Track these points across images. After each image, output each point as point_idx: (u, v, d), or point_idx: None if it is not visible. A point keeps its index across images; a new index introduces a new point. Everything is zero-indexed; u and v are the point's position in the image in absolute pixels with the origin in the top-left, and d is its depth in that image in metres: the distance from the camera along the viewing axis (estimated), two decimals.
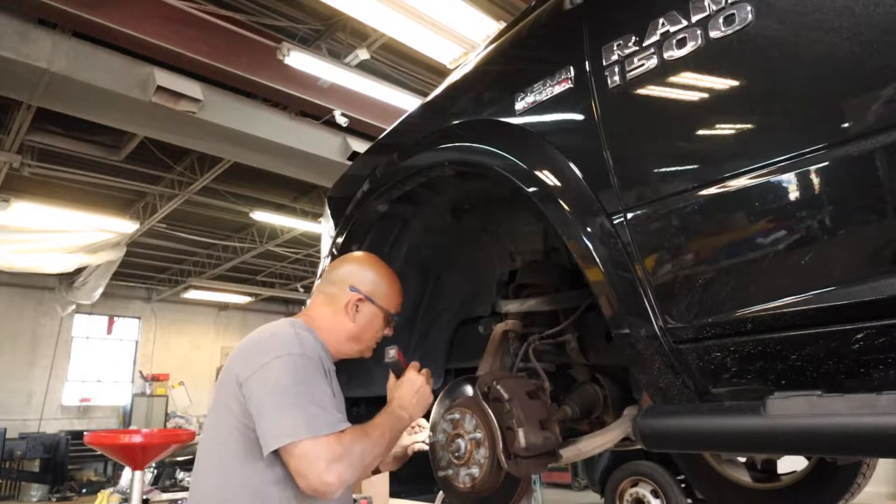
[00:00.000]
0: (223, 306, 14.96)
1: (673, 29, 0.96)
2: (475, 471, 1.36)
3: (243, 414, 1.17)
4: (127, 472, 5.09)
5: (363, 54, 5.09)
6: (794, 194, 0.83)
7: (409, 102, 5.23)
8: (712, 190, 0.92)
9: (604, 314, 1.10)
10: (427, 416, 1.57)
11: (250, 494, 1.16)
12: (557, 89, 1.16)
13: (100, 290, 10.07)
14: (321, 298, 1.42)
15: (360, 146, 6.09)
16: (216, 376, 14.78)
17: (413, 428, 1.65)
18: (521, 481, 1.41)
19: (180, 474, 5.73)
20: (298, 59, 4.88)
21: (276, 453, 1.14)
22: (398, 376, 1.40)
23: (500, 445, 1.29)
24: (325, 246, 1.96)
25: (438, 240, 1.87)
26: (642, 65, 1.00)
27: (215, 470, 1.21)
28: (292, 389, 1.14)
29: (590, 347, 1.55)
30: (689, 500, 4.44)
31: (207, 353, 14.80)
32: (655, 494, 4.60)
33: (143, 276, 13.01)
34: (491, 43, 1.51)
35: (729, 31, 0.89)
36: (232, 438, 1.18)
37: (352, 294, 1.38)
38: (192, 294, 13.08)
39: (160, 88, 4.81)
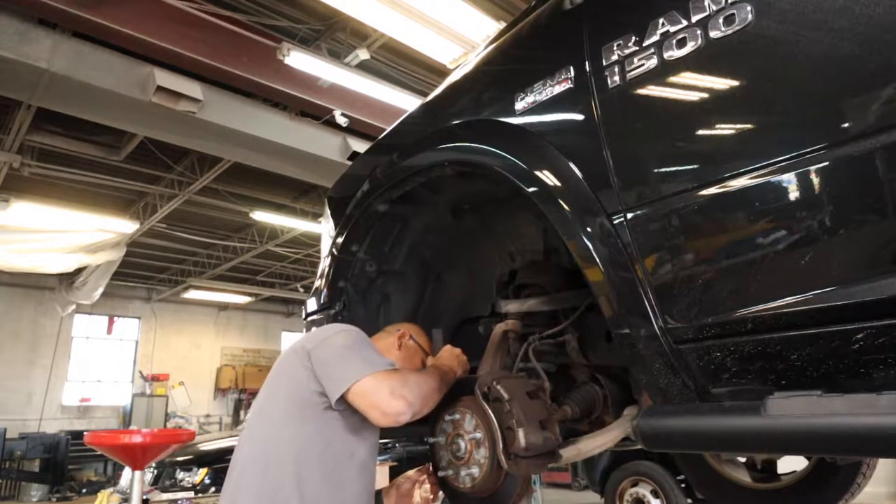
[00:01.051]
0: (223, 306, 14.95)
1: (673, 29, 0.95)
2: (475, 471, 1.36)
3: (304, 376, 1.30)
4: (127, 472, 5.09)
5: (363, 54, 5.09)
6: (794, 194, 0.83)
7: (409, 102, 5.23)
8: (712, 190, 0.92)
9: (604, 314, 1.09)
10: None
11: (293, 453, 1.26)
12: (557, 89, 1.16)
13: (100, 290, 10.07)
14: (380, 332, 1.67)
15: (360, 146, 6.08)
16: (216, 376, 14.89)
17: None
18: (521, 481, 1.41)
19: (180, 474, 5.72)
20: (298, 59, 4.88)
21: (327, 410, 1.28)
22: None
23: (500, 445, 1.28)
24: (325, 246, 1.96)
25: (438, 240, 1.88)
26: (642, 65, 1.00)
27: (261, 430, 1.33)
28: (353, 348, 1.32)
29: (590, 347, 1.55)
30: (689, 500, 4.44)
31: (207, 353, 14.80)
32: (655, 494, 4.60)
33: (143, 276, 13.01)
34: (491, 43, 1.51)
35: (729, 31, 0.89)
36: (284, 400, 1.31)
37: (399, 332, 1.63)
38: (192, 294, 13.08)
39: (160, 88, 4.81)
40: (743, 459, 2.08)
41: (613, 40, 1.05)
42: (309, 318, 1.93)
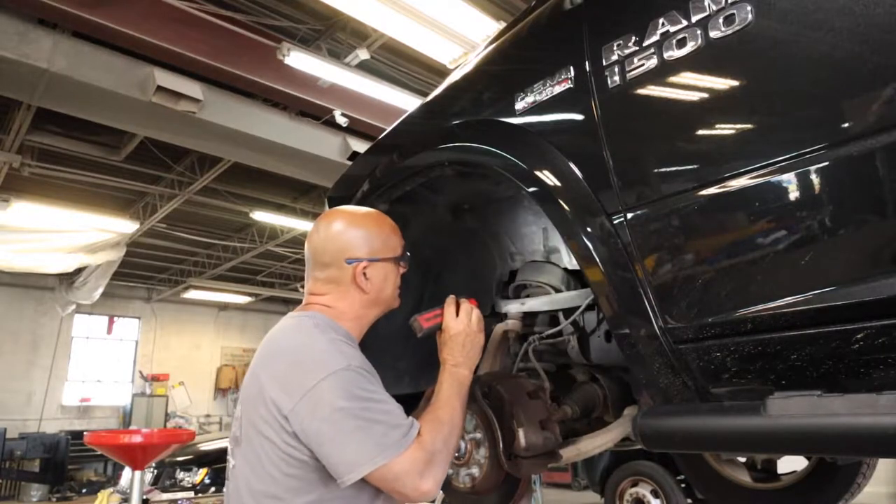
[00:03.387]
0: (223, 306, 14.95)
1: (673, 29, 0.96)
2: (475, 471, 1.36)
3: (286, 444, 1.06)
4: (127, 472, 5.09)
5: (363, 54, 5.08)
6: (794, 194, 0.83)
7: (409, 102, 5.22)
8: (712, 190, 0.92)
9: (604, 314, 1.10)
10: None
11: None
12: (557, 89, 1.16)
13: (100, 290, 10.06)
14: (321, 285, 1.25)
15: (360, 146, 6.08)
16: (216, 376, 14.85)
17: None
18: (521, 481, 1.41)
19: (180, 474, 5.73)
20: (298, 59, 4.88)
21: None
22: (440, 331, 1.31)
23: (501, 445, 1.28)
24: None
25: (438, 239, 1.87)
26: (642, 65, 1.00)
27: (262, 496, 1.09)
28: (351, 411, 1.03)
29: (590, 347, 1.55)
30: (689, 500, 4.44)
31: (207, 353, 14.80)
32: (655, 494, 4.60)
33: (143, 276, 13.01)
34: (491, 43, 1.51)
35: (729, 31, 0.89)
36: (275, 468, 1.07)
37: (353, 266, 1.22)
38: (192, 294, 13.07)
39: (160, 88, 4.81)
40: (743, 459, 2.08)
41: (613, 40, 1.05)
42: None
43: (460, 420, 1.17)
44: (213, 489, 5.48)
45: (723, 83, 0.93)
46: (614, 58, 1.04)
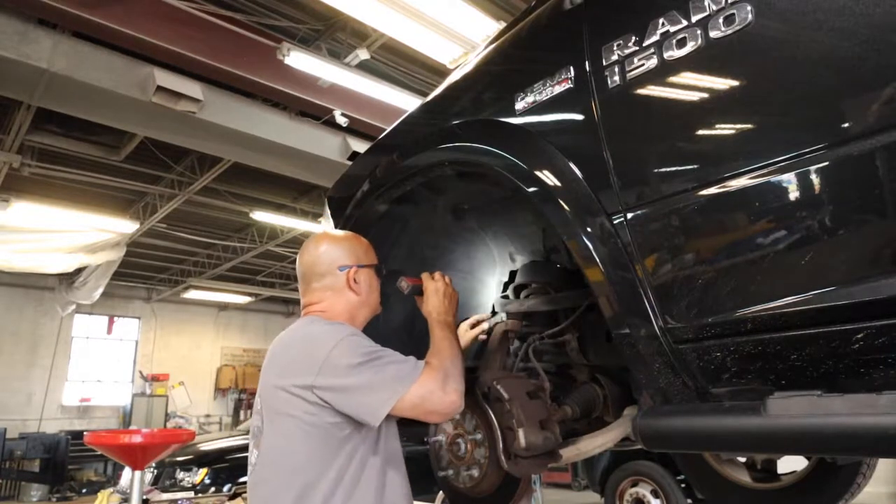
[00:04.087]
0: (223, 306, 14.95)
1: (673, 29, 0.95)
2: (475, 471, 1.36)
3: (308, 414, 1.19)
4: (127, 472, 5.09)
5: (363, 54, 5.08)
6: (794, 194, 0.83)
7: (409, 102, 5.22)
8: (712, 190, 0.92)
9: (604, 314, 1.10)
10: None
11: (332, 481, 1.18)
12: (557, 89, 1.16)
13: (100, 290, 10.06)
14: (318, 295, 1.43)
15: (360, 146, 6.08)
16: (216, 376, 14.84)
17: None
18: (521, 481, 1.41)
19: (180, 474, 5.73)
20: (298, 59, 4.88)
21: (353, 433, 1.21)
22: (421, 295, 1.49)
23: (500, 445, 1.29)
24: None
25: (438, 240, 1.87)
26: (642, 65, 1.00)
27: (289, 473, 1.20)
28: (365, 364, 1.19)
29: (590, 347, 1.55)
30: (689, 500, 4.44)
31: (207, 353, 14.80)
32: (655, 494, 4.60)
33: (143, 276, 13.00)
34: (491, 43, 1.51)
35: (729, 31, 0.89)
36: (299, 443, 1.20)
37: (345, 272, 1.43)
38: (192, 294, 13.07)
39: (160, 88, 4.81)
40: (743, 459, 2.08)
41: (613, 40, 1.05)
42: None
43: (459, 349, 1.35)
44: (213, 489, 5.48)
45: (723, 83, 0.93)
46: (614, 58, 1.04)
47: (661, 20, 0.97)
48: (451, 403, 1.21)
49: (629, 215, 1.02)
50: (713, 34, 0.90)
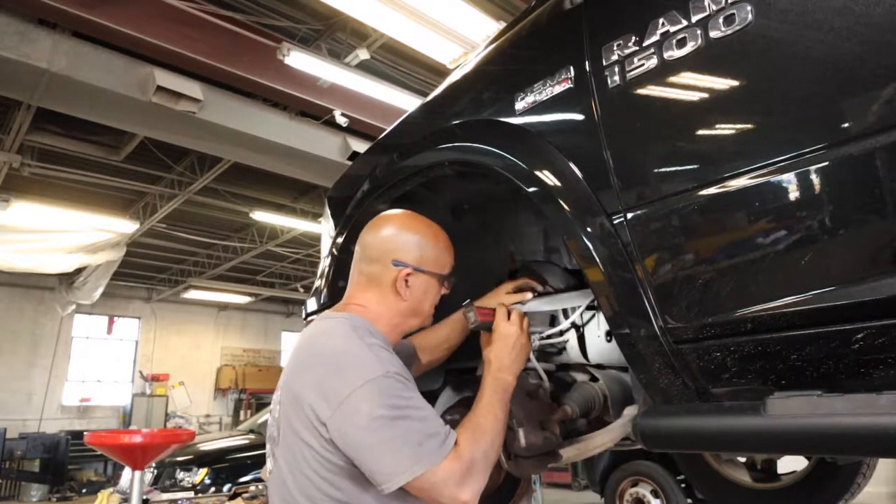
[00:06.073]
0: (223, 306, 14.96)
1: (673, 29, 0.95)
2: None
3: (323, 448, 1.06)
4: (127, 472, 5.09)
5: (363, 54, 5.09)
6: (794, 194, 0.83)
7: (409, 102, 5.23)
8: (712, 190, 0.92)
9: (604, 314, 1.09)
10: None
11: None
12: (557, 89, 1.16)
13: (100, 290, 10.07)
14: (363, 281, 1.25)
15: (360, 146, 6.09)
16: (216, 376, 14.85)
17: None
18: (521, 481, 1.41)
19: (180, 474, 5.73)
20: (298, 59, 4.88)
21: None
22: (489, 331, 1.30)
23: None
24: (325, 246, 1.96)
25: None
26: (642, 65, 1.00)
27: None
28: (388, 420, 1.02)
29: (590, 347, 1.55)
30: (689, 500, 4.44)
31: (207, 353, 14.81)
32: (655, 494, 4.60)
33: (143, 276, 13.01)
34: (491, 43, 1.51)
35: (729, 31, 0.89)
36: (312, 471, 1.07)
37: (398, 270, 1.22)
38: (192, 294, 13.08)
39: (160, 88, 4.82)
40: (743, 459, 2.08)
41: (613, 40, 1.05)
42: (309, 319, 1.93)
43: (502, 428, 1.15)
44: (213, 489, 5.48)
45: (723, 83, 0.93)
46: (614, 58, 1.04)
47: (661, 20, 0.97)
48: (460, 502, 1.03)
49: (629, 215, 1.02)
50: (713, 34, 0.90)
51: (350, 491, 1.06)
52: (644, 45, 0.99)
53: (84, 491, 10.05)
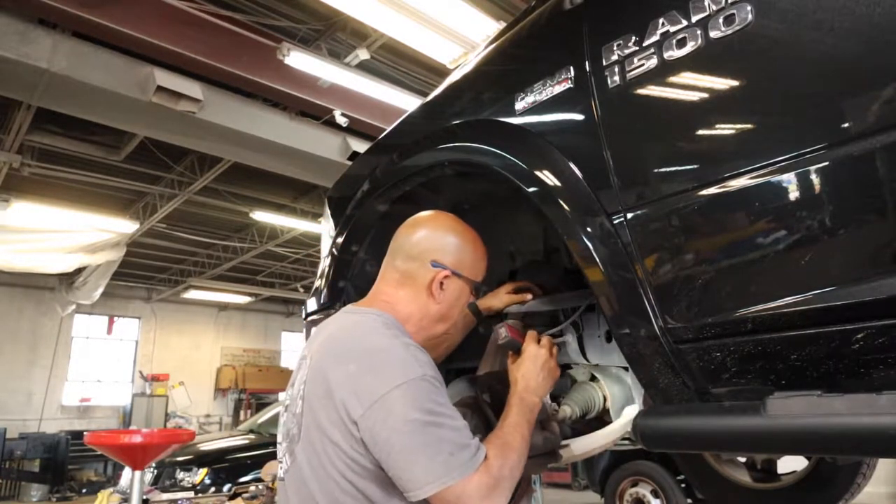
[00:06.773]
0: (223, 306, 14.96)
1: (673, 29, 0.95)
2: None
3: (352, 449, 1.03)
4: (127, 472, 5.09)
5: (363, 54, 5.09)
6: (794, 194, 0.83)
7: (409, 102, 5.23)
8: (712, 190, 0.92)
9: (604, 314, 1.09)
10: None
11: None
12: (557, 89, 1.16)
13: (100, 290, 10.07)
14: (397, 277, 1.23)
15: (360, 146, 6.09)
16: (216, 376, 14.84)
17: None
18: (520, 481, 1.41)
19: (180, 474, 5.73)
20: (298, 59, 4.88)
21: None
22: (517, 353, 1.28)
23: None
24: (325, 246, 1.96)
25: None
26: (642, 65, 1.00)
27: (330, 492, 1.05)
28: (422, 424, 0.99)
29: (590, 347, 1.55)
30: (689, 500, 4.44)
31: (207, 353, 14.81)
32: (655, 494, 4.60)
33: (143, 276, 13.01)
34: (491, 43, 1.51)
35: (729, 31, 0.89)
36: (337, 472, 1.04)
37: (435, 271, 1.20)
38: (192, 294, 13.08)
39: (160, 88, 4.81)
40: (743, 459, 2.08)
41: (613, 40, 1.05)
42: (309, 319, 1.93)
43: (527, 448, 1.14)
44: (213, 489, 5.48)
45: (723, 83, 0.93)
46: (614, 58, 1.04)
47: (661, 20, 0.97)
48: None
49: (629, 215, 1.02)
50: (713, 34, 0.90)
51: (376, 496, 1.03)
52: (644, 45, 0.99)
53: (84, 491, 10.05)
